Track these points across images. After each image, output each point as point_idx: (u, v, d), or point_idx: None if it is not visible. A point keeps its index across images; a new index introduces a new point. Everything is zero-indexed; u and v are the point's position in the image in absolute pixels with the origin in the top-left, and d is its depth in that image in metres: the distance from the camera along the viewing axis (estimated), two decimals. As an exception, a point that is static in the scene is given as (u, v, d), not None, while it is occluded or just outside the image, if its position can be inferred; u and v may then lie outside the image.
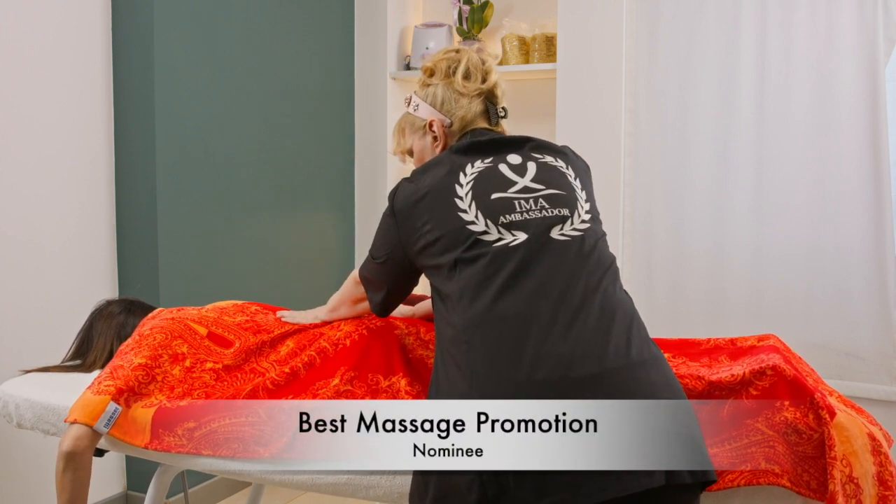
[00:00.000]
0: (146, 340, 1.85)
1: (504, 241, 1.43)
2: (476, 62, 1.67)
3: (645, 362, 1.35)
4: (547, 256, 1.42)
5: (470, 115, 1.65)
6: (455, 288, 1.43)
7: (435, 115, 1.67)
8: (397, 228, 1.55)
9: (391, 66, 3.51)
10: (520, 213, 1.47)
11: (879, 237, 2.80)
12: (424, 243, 1.49)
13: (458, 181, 1.51)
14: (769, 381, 1.46)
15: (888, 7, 2.75)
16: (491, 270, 1.41)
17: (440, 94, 1.67)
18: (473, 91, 1.65)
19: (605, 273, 1.45)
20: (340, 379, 1.70)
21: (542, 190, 1.51)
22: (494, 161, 1.54)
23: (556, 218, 1.47)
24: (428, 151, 1.69)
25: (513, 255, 1.42)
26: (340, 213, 3.59)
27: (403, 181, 1.58)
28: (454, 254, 1.45)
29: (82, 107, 2.63)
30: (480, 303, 1.39)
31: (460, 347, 1.38)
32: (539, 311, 1.35)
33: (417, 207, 1.51)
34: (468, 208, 1.47)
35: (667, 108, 3.10)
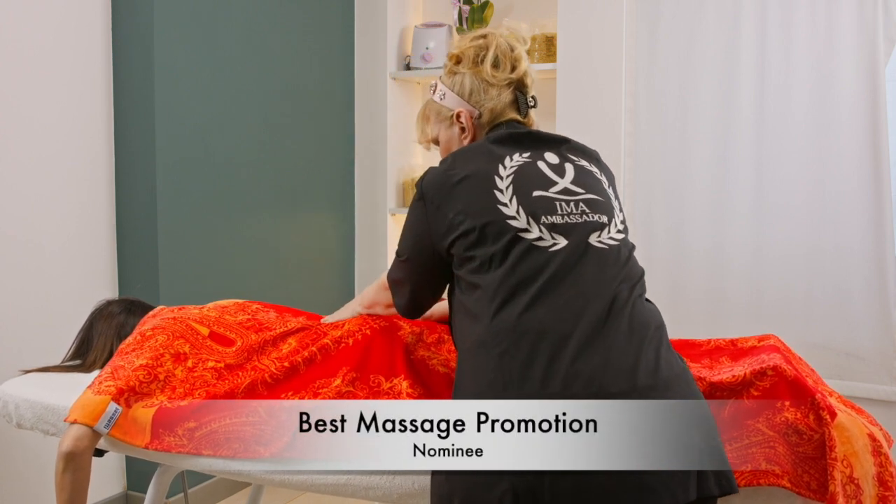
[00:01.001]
0: (148, 341, 1.85)
1: (545, 243, 1.39)
2: (505, 49, 1.59)
3: (673, 380, 1.32)
4: (585, 265, 1.38)
5: (500, 106, 1.58)
6: (488, 284, 1.38)
7: (463, 106, 1.59)
8: (426, 215, 1.48)
9: (391, 66, 3.51)
10: (561, 215, 1.42)
11: (879, 237, 2.80)
12: (457, 233, 1.43)
13: (498, 172, 1.45)
14: (770, 381, 1.46)
15: (888, 7, 2.75)
16: (530, 272, 1.36)
17: (468, 84, 1.59)
18: (503, 81, 1.58)
19: (635, 284, 1.42)
20: (342, 380, 1.69)
21: (582, 194, 1.47)
22: (532, 157, 1.49)
23: (595, 224, 1.43)
24: (455, 142, 1.62)
25: (553, 260, 1.37)
26: (340, 213, 3.59)
27: (434, 166, 1.52)
28: (491, 248, 1.39)
29: (82, 107, 2.63)
30: (516, 306, 1.34)
31: (492, 351, 1.33)
32: (576, 324, 1.31)
33: (452, 193, 1.45)
34: (509, 202, 1.42)
35: (667, 108, 3.10)
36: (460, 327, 1.45)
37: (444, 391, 1.64)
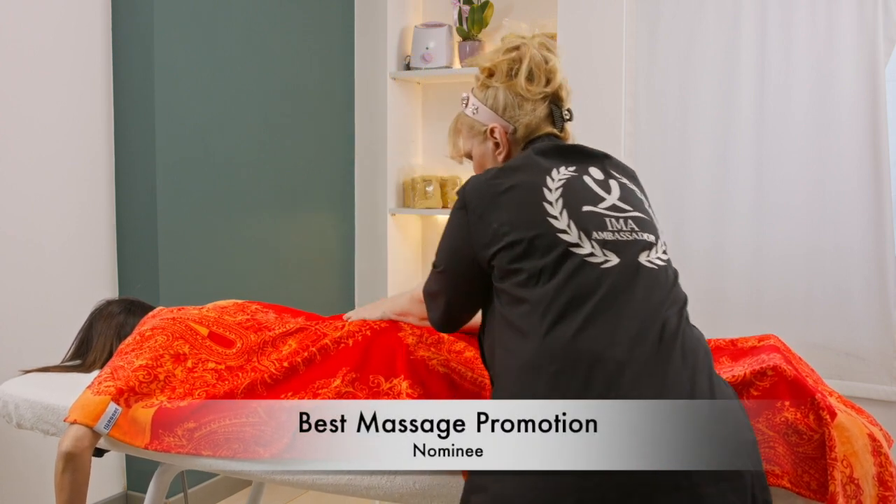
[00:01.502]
0: (147, 341, 1.85)
1: (597, 260, 1.34)
2: (539, 62, 1.54)
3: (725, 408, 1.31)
4: (637, 285, 1.34)
5: (535, 121, 1.54)
6: (538, 299, 1.33)
7: (497, 121, 1.55)
8: (468, 224, 1.43)
9: (391, 66, 3.51)
10: (611, 231, 1.38)
11: (879, 237, 2.80)
12: (502, 244, 1.38)
13: (546, 184, 1.41)
14: (770, 381, 1.46)
15: (888, 7, 2.75)
16: (582, 289, 1.32)
17: (502, 99, 1.54)
18: (537, 94, 1.53)
19: (682, 308, 1.39)
20: (342, 380, 1.69)
21: (630, 211, 1.43)
22: (578, 171, 1.45)
23: (644, 243, 1.40)
24: (489, 158, 1.58)
25: (605, 278, 1.33)
26: (340, 213, 3.59)
27: (477, 175, 1.48)
28: (540, 261, 1.35)
29: (82, 107, 2.63)
30: (570, 325, 1.30)
31: (547, 370, 1.29)
32: (632, 350, 1.27)
33: (497, 202, 1.40)
34: (559, 215, 1.37)
35: (667, 108, 3.10)
36: (502, 341, 1.39)
37: (443, 391, 1.64)
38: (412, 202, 3.54)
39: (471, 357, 1.70)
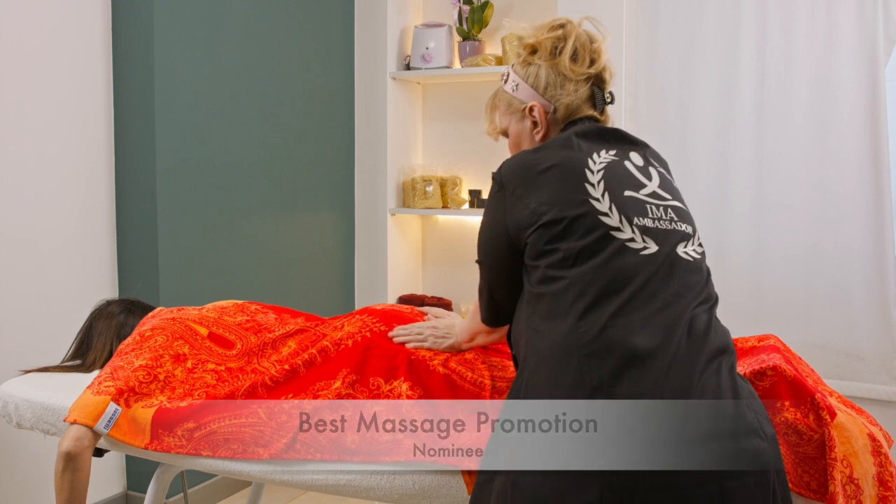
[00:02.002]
0: (147, 341, 1.85)
1: (637, 246, 1.32)
2: (584, 41, 1.50)
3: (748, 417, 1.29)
4: (674, 277, 1.32)
5: (576, 102, 1.49)
6: (575, 279, 1.30)
7: (537, 99, 1.50)
8: (504, 205, 1.39)
9: (391, 66, 3.51)
10: (652, 219, 1.36)
11: (879, 237, 2.80)
12: (540, 223, 1.34)
13: (588, 166, 1.37)
14: (770, 381, 1.46)
15: (888, 7, 2.75)
16: (622, 273, 1.30)
17: (544, 77, 1.50)
18: (581, 75, 1.48)
19: (713, 305, 1.37)
20: (342, 382, 1.69)
21: (670, 200, 1.41)
22: (619, 155, 1.42)
23: (683, 234, 1.38)
24: (526, 137, 1.53)
25: (644, 266, 1.30)
26: (340, 213, 3.59)
27: (512, 156, 1.44)
28: (579, 242, 1.31)
29: (82, 107, 2.63)
30: (608, 308, 1.27)
31: (580, 352, 1.26)
32: (667, 342, 1.26)
33: (537, 181, 1.36)
34: (601, 197, 1.34)
35: (667, 108, 3.10)
36: (532, 322, 1.35)
37: (443, 392, 1.64)
38: (412, 202, 3.54)
39: (470, 358, 1.70)
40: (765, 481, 1.24)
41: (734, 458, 1.22)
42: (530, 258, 1.37)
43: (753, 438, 1.25)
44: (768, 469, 1.24)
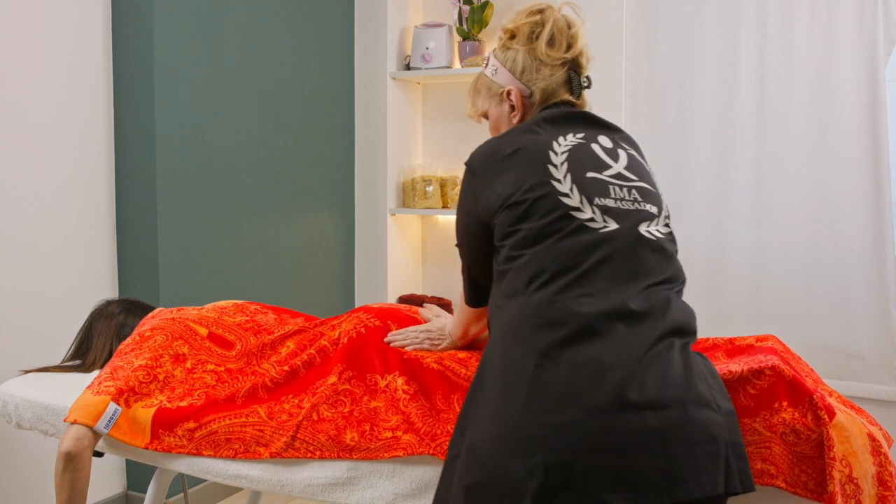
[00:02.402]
0: (147, 341, 1.85)
1: (597, 225, 1.36)
2: (562, 26, 1.53)
3: (704, 397, 1.29)
4: (633, 254, 1.35)
5: (552, 86, 1.54)
6: (530, 258, 1.35)
7: (514, 84, 1.55)
8: (475, 189, 1.45)
9: (391, 66, 3.51)
10: (614, 199, 1.39)
11: (879, 237, 2.80)
12: (506, 205, 1.39)
13: (553, 148, 1.42)
14: (768, 381, 1.46)
15: (888, 7, 2.75)
16: (576, 252, 1.33)
17: (521, 61, 1.54)
18: (557, 60, 1.53)
19: (675, 281, 1.39)
20: (339, 378, 1.70)
21: (636, 181, 1.44)
22: (586, 138, 1.46)
23: (646, 213, 1.41)
24: (504, 120, 1.58)
25: (601, 244, 1.34)
26: (340, 213, 3.59)
27: (484, 142, 1.49)
28: (540, 222, 1.36)
29: (82, 107, 2.63)
30: (555, 286, 1.31)
31: (523, 330, 1.30)
32: (613, 318, 1.28)
33: (503, 164, 1.42)
34: (563, 178, 1.38)
35: (667, 108, 3.10)
36: (495, 300, 1.41)
37: (438, 386, 1.64)
38: (412, 202, 3.54)
39: (464, 357, 1.71)
40: (714, 451, 1.25)
41: (681, 426, 1.23)
42: (497, 239, 1.42)
43: (704, 409, 1.26)
44: (718, 439, 1.25)
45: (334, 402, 1.67)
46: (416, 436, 1.57)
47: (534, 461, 1.20)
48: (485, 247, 1.47)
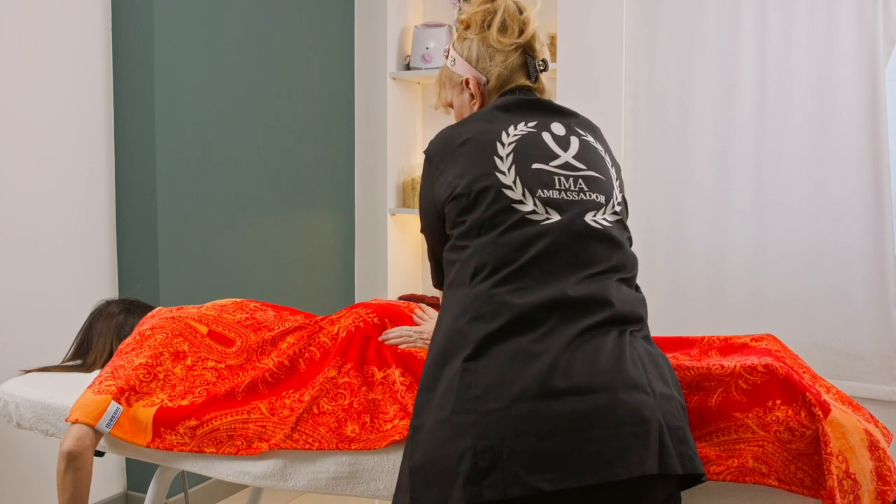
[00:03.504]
0: (147, 340, 1.86)
1: (538, 217, 1.38)
2: (513, 12, 1.55)
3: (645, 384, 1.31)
4: (575, 245, 1.37)
5: (506, 72, 1.55)
6: (472, 250, 1.38)
7: (471, 72, 1.57)
8: (431, 177, 1.48)
9: (391, 66, 3.51)
10: (558, 190, 1.40)
11: (879, 237, 2.80)
12: (453, 195, 1.42)
13: (500, 139, 1.44)
14: (761, 378, 1.46)
15: (888, 7, 2.75)
16: (516, 245, 1.36)
17: (475, 50, 1.57)
18: (509, 46, 1.54)
19: (622, 269, 1.40)
20: (338, 371, 1.72)
21: (583, 170, 1.45)
22: (538, 127, 1.47)
23: (592, 203, 1.42)
24: (466, 108, 1.61)
25: (541, 236, 1.36)
26: (340, 213, 3.59)
27: (441, 130, 1.52)
28: (483, 214, 1.39)
29: (82, 107, 2.63)
30: (493, 279, 1.34)
31: (460, 322, 1.33)
32: (552, 309, 1.31)
33: (455, 153, 1.44)
34: (507, 171, 1.40)
35: (667, 108, 3.10)
36: (445, 285, 1.45)
37: None
38: (412, 202, 3.54)
39: None
40: (644, 432, 1.26)
41: (609, 409, 1.25)
42: (448, 228, 1.46)
43: (634, 392, 1.28)
44: (649, 420, 1.26)
45: (334, 396, 1.68)
46: None
47: (464, 445, 1.25)
48: (443, 233, 1.50)
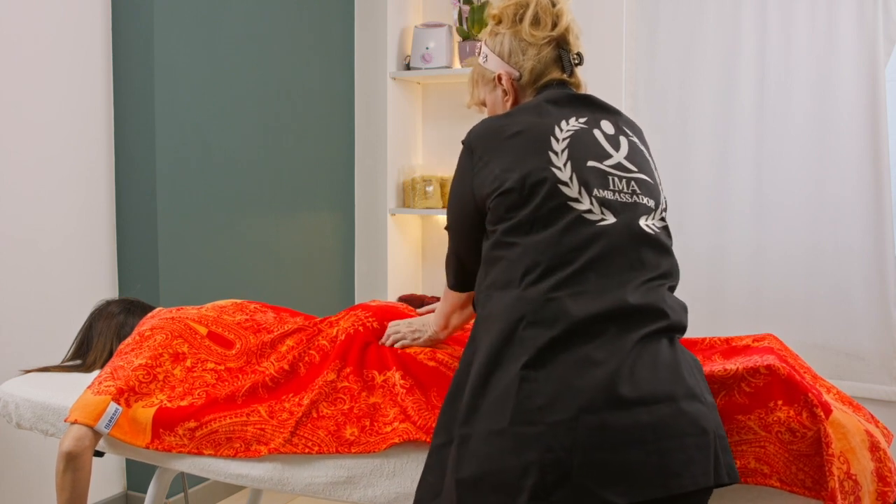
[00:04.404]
0: (147, 341, 1.86)
1: (595, 218, 1.33)
2: (546, 5, 1.50)
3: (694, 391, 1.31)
4: (630, 250, 1.34)
5: (540, 66, 1.51)
6: (526, 247, 1.33)
7: (503, 68, 1.53)
8: (472, 168, 1.41)
9: (391, 66, 3.51)
10: (612, 191, 1.37)
11: (879, 237, 2.80)
12: (502, 189, 1.36)
13: (555, 133, 1.39)
14: (763, 379, 1.46)
15: (888, 7, 2.75)
16: (572, 246, 1.31)
17: (507, 45, 1.52)
18: (542, 39, 1.50)
19: (668, 277, 1.38)
20: (337, 375, 1.71)
21: (635, 172, 1.42)
22: (589, 123, 1.43)
23: (644, 207, 1.39)
24: (499, 105, 1.56)
25: (598, 238, 1.32)
26: (340, 213, 3.59)
27: (484, 119, 1.46)
28: (537, 210, 1.33)
29: (82, 107, 2.63)
30: (550, 281, 1.30)
31: (517, 326, 1.28)
32: (606, 320, 1.28)
33: (504, 145, 1.38)
34: (563, 167, 1.35)
35: (667, 108, 3.10)
36: (486, 284, 1.39)
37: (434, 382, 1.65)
38: (412, 202, 3.54)
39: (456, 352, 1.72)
40: (704, 443, 1.26)
41: (673, 420, 1.24)
42: (490, 223, 1.39)
43: (693, 402, 1.27)
44: (708, 431, 1.27)
45: (333, 400, 1.67)
46: (412, 426, 1.58)
47: (529, 458, 1.21)
48: (477, 230, 1.44)
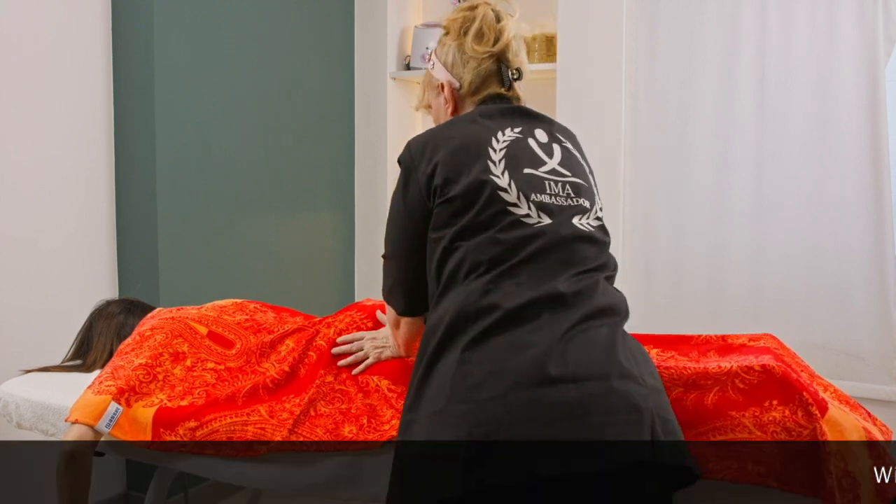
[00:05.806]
0: (147, 340, 1.86)
1: (531, 221, 1.41)
2: (491, 21, 1.57)
3: (631, 374, 1.34)
4: (564, 247, 1.41)
5: (479, 79, 1.58)
6: (466, 251, 1.40)
7: (446, 77, 1.60)
8: (417, 176, 1.46)
9: (391, 66, 3.51)
10: (549, 195, 1.44)
11: (879, 237, 2.80)
12: (444, 198, 1.43)
13: (492, 144, 1.46)
14: (758, 377, 1.46)
15: (888, 7, 2.75)
16: (510, 246, 1.39)
17: (451, 56, 1.59)
18: (483, 54, 1.56)
19: (606, 270, 1.45)
20: (335, 378, 1.72)
21: (569, 177, 1.49)
22: (523, 133, 1.51)
23: (579, 208, 1.46)
24: (442, 112, 1.64)
25: (534, 238, 1.39)
26: (340, 213, 3.59)
27: (422, 132, 1.52)
28: (478, 217, 1.41)
29: (82, 107, 2.63)
30: (489, 278, 1.36)
31: (459, 321, 1.35)
32: (545, 303, 1.34)
33: (445, 152, 1.45)
34: (501, 174, 1.43)
35: (667, 108, 3.10)
36: (436, 289, 1.45)
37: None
38: (412, 202, 3.53)
39: None
40: (637, 420, 1.27)
41: (604, 396, 1.27)
42: (434, 230, 1.45)
43: (627, 382, 1.30)
44: (642, 409, 1.28)
45: (331, 399, 1.68)
46: None
47: (459, 432, 1.26)
48: (422, 243, 1.48)
